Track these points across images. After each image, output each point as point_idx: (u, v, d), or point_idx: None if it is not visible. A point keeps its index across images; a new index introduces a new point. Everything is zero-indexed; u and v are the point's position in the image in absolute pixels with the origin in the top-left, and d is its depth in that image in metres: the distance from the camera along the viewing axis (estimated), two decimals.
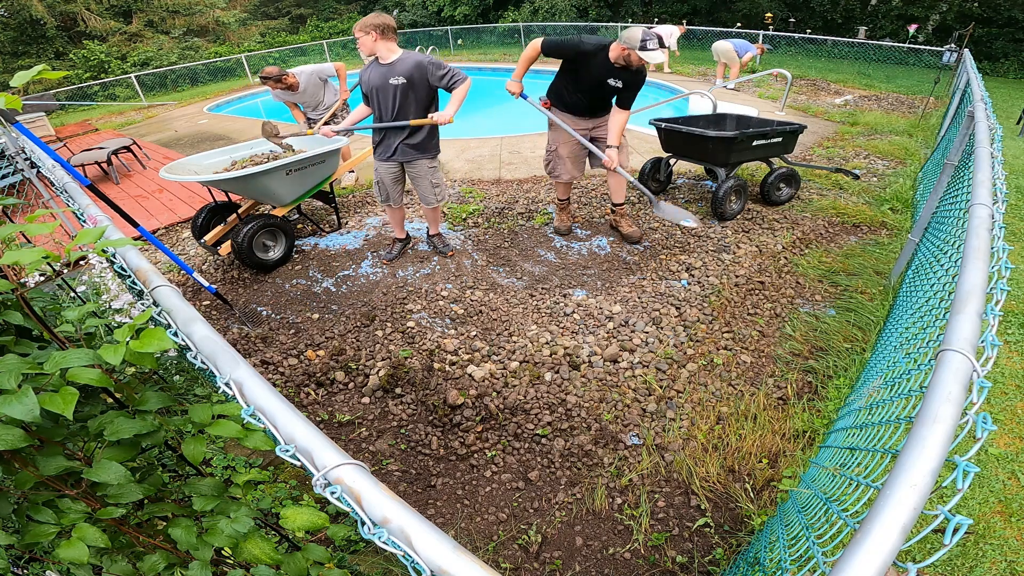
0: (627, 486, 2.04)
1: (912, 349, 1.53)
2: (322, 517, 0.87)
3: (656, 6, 17.12)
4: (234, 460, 2.19)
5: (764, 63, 11.29)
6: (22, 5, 15.38)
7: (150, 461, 1.09)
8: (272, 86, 4.41)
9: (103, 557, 0.85)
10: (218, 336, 0.87)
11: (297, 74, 4.45)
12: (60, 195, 2.06)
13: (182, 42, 18.27)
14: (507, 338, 2.89)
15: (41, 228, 0.79)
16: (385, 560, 1.79)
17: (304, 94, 4.57)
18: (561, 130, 3.49)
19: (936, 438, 0.67)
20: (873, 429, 1.33)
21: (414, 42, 16.72)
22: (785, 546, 1.26)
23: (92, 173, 6.05)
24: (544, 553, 1.84)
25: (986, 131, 2.04)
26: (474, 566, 0.53)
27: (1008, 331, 2.69)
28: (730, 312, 2.98)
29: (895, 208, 4.13)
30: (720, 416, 2.31)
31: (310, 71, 4.52)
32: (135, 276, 1.10)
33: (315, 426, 0.70)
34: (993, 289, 1.03)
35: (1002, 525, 1.80)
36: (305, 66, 4.55)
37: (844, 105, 7.97)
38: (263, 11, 22.63)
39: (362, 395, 2.58)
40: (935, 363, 0.81)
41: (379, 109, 3.15)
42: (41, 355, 0.77)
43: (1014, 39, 12.58)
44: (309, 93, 4.59)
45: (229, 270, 3.79)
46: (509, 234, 4.07)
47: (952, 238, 1.74)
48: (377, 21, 2.93)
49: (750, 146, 3.86)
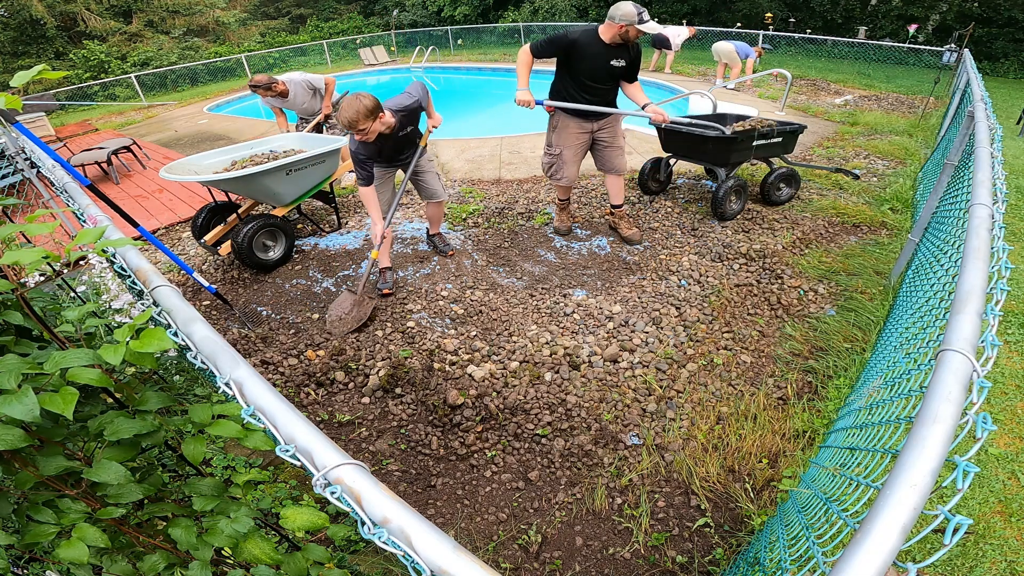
0: (627, 486, 2.04)
1: (912, 349, 1.53)
2: (322, 517, 0.87)
3: (656, 6, 17.12)
4: (234, 460, 2.19)
5: (764, 63, 11.29)
6: (22, 5, 15.38)
7: (150, 461, 1.09)
8: (262, 94, 4.40)
9: (103, 557, 0.85)
10: (218, 336, 0.87)
11: (287, 82, 4.45)
12: (60, 195, 2.06)
13: (182, 42, 18.27)
14: (507, 338, 2.89)
15: (41, 228, 0.79)
16: (385, 560, 1.79)
17: (294, 101, 4.57)
18: (566, 132, 3.45)
19: (936, 438, 0.67)
20: (873, 429, 1.33)
21: (415, 42, 16.73)
22: (785, 546, 1.26)
23: (92, 173, 6.05)
24: (544, 553, 1.84)
25: (986, 131, 2.04)
26: (474, 566, 0.53)
27: (1008, 331, 2.69)
28: (730, 312, 2.98)
29: (895, 208, 4.13)
30: (720, 416, 2.31)
31: (300, 79, 4.51)
32: (135, 276, 1.10)
33: (315, 426, 0.70)
34: (993, 289, 1.03)
35: (1002, 525, 1.80)
36: (295, 73, 4.54)
37: (844, 105, 7.97)
38: (263, 11, 22.63)
39: (362, 395, 2.58)
40: (935, 363, 0.81)
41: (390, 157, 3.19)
42: (41, 355, 0.77)
43: (1014, 39, 12.58)
44: (299, 101, 4.59)
45: (229, 270, 3.78)
46: (509, 234, 4.07)
47: (952, 238, 1.74)
48: (370, 106, 2.67)
49: (750, 146, 3.86)
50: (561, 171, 3.61)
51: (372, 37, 18.36)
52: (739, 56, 8.74)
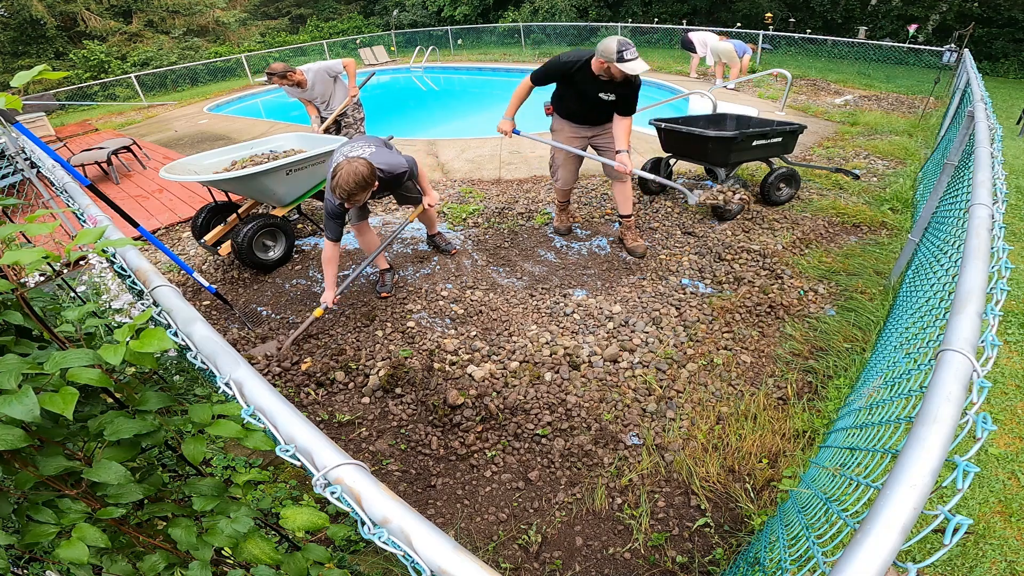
0: (627, 486, 2.04)
1: (912, 349, 1.53)
2: (322, 517, 0.87)
3: (656, 6, 17.12)
4: (234, 460, 2.19)
5: (764, 63, 11.28)
6: (22, 5, 15.38)
7: (150, 461, 1.09)
8: (279, 82, 4.34)
9: (103, 557, 0.85)
10: (218, 336, 0.87)
11: (305, 71, 4.38)
12: (60, 195, 2.06)
13: (182, 42, 18.27)
14: (507, 338, 2.89)
15: (41, 228, 0.79)
16: (385, 560, 1.79)
17: (313, 91, 4.49)
18: (560, 136, 3.47)
19: (936, 438, 0.67)
20: (873, 429, 1.33)
21: (415, 42, 16.71)
22: (785, 546, 1.26)
23: (92, 173, 6.05)
24: (544, 553, 1.84)
25: (986, 131, 2.04)
26: (474, 566, 0.53)
27: (1008, 331, 2.69)
28: (730, 312, 2.98)
29: (895, 208, 4.13)
30: (720, 416, 2.31)
31: (318, 67, 4.44)
32: (135, 276, 1.10)
33: (315, 426, 0.70)
34: (993, 289, 1.03)
35: (1002, 525, 1.80)
36: (313, 63, 4.49)
37: (844, 105, 7.97)
38: (263, 11, 22.63)
39: (362, 395, 2.58)
40: (935, 363, 0.81)
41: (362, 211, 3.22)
42: (41, 355, 0.77)
43: (1014, 39, 12.58)
44: (318, 90, 4.51)
45: (229, 270, 3.78)
46: (509, 234, 4.07)
47: (952, 238, 1.74)
48: (367, 176, 2.56)
49: (750, 146, 3.86)
50: (556, 173, 3.67)
51: (372, 37, 18.36)
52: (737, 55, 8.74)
